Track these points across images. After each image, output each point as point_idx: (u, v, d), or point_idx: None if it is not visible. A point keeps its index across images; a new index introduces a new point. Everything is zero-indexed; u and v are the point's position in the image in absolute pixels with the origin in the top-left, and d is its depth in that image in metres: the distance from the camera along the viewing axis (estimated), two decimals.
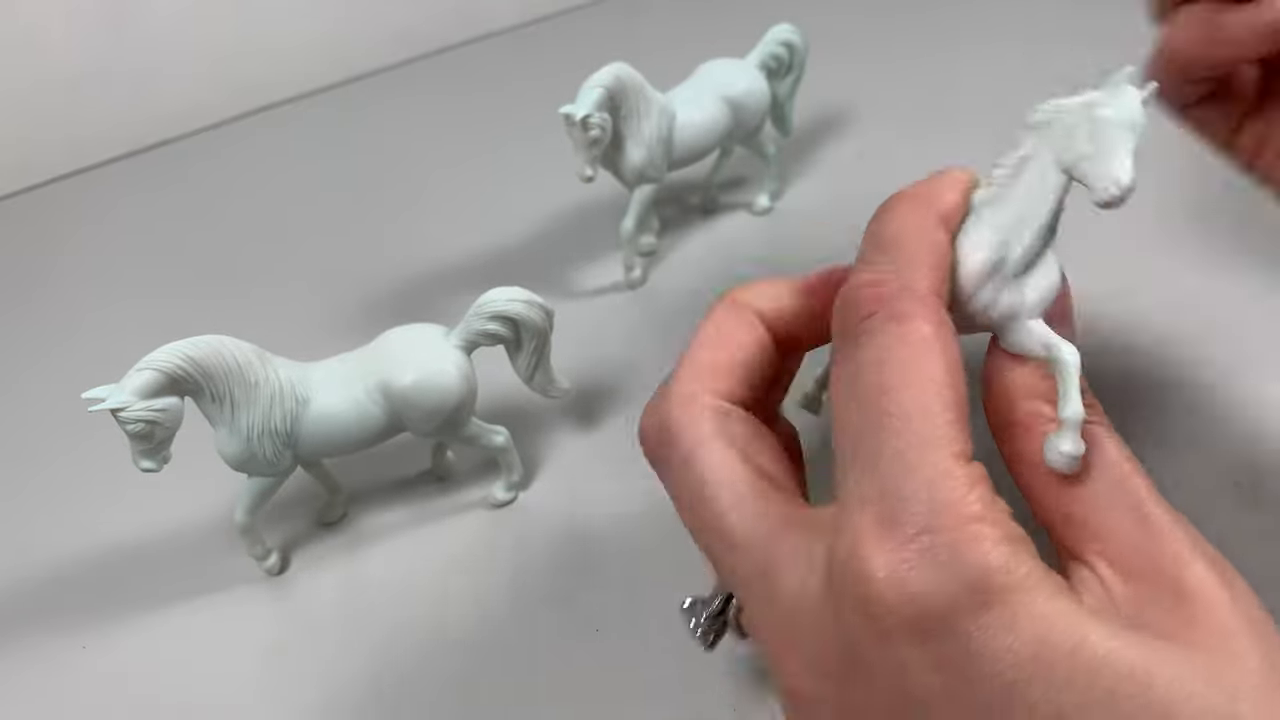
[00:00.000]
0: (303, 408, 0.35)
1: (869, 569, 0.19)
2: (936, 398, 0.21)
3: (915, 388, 0.21)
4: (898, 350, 0.22)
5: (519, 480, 0.41)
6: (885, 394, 0.21)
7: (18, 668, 0.37)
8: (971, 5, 0.77)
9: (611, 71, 0.47)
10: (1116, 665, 0.18)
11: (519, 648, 0.35)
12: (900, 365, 0.21)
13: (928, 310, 0.22)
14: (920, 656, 0.19)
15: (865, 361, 0.22)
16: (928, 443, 0.20)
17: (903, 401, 0.21)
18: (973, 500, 0.20)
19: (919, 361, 0.21)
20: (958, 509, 0.19)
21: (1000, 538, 0.19)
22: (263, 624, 0.37)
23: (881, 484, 0.20)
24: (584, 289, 0.53)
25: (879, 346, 0.22)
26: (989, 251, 0.25)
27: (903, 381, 0.21)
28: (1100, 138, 0.23)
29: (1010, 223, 0.25)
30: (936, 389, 0.21)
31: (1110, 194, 0.22)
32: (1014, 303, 0.25)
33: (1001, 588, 0.18)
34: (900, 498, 0.20)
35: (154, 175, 0.73)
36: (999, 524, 0.20)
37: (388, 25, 0.85)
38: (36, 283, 0.61)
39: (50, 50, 0.72)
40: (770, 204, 0.57)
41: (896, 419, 0.21)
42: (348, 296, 0.55)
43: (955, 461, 0.20)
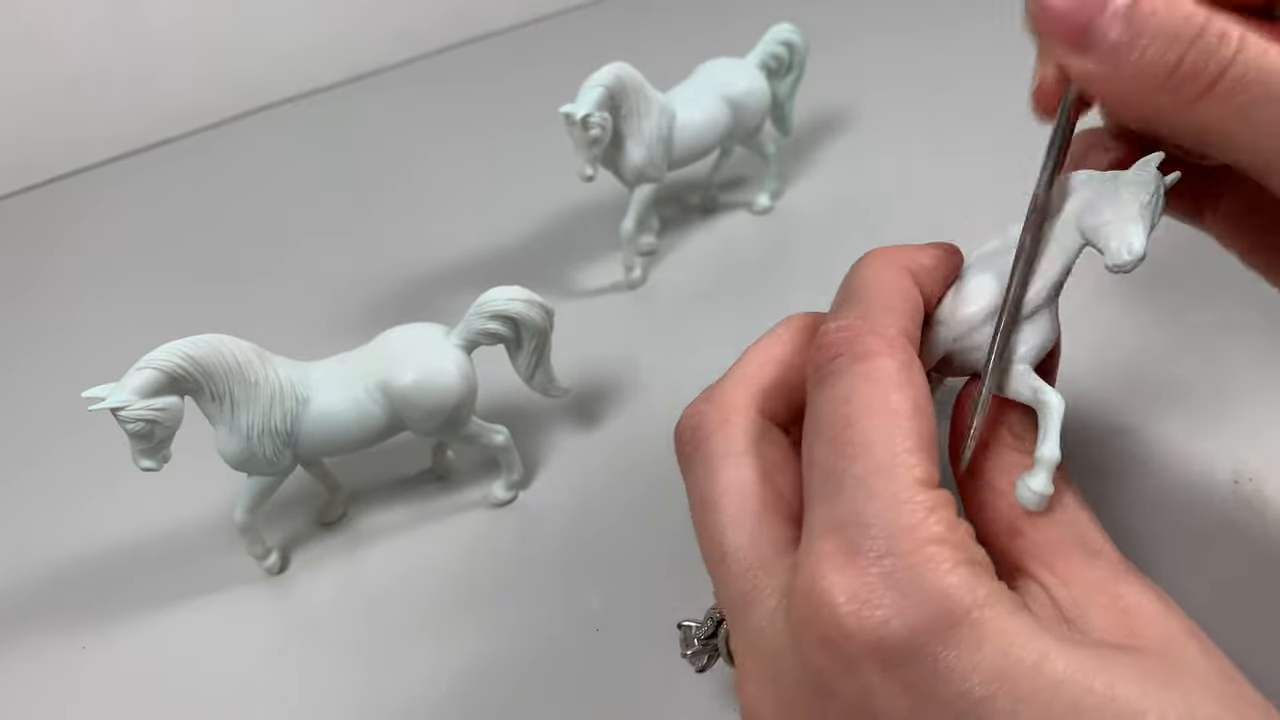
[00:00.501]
0: (303, 407, 0.35)
1: (831, 596, 0.20)
2: (898, 427, 0.21)
3: (877, 417, 0.21)
4: (861, 386, 0.22)
5: (519, 480, 0.41)
6: (849, 426, 0.21)
7: (18, 668, 0.37)
8: (972, 5, 0.77)
9: (612, 71, 0.47)
10: (1078, 678, 0.18)
11: (519, 647, 0.35)
12: (863, 398, 0.22)
13: (892, 349, 0.23)
14: (886, 681, 0.19)
15: (830, 399, 0.22)
16: (888, 469, 0.21)
17: (865, 431, 0.21)
18: (932, 523, 0.20)
19: (881, 394, 0.22)
20: (917, 532, 0.20)
21: (960, 559, 0.20)
22: (263, 624, 0.37)
23: (842, 512, 0.20)
24: (584, 289, 0.53)
25: (844, 385, 0.22)
26: (991, 297, 0.26)
27: (865, 412, 0.22)
28: (1121, 208, 0.25)
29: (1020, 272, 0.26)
30: (898, 419, 0.21)
31: (1122, 259, 0.24)
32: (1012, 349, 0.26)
33: (964, 608, 0.19)
34: (860, 524, 0.20)
35: (154, 175, 0.73)
36: (960, 546, 0.20)
37: (388, 25, 0.85)
38: (36, 282, 0.61)
39: (50, 50, 0.72)
40: (770, 203, 0.57)
41: (858, 447, 0.21)
42: (348, 296, 0.55)
43: (916, 487, 0.20)
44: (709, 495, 0.24)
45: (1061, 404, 0.24)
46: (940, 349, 0.27)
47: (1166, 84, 0.22)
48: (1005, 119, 0.60)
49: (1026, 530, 0.23)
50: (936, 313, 0.27)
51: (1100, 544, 0.23)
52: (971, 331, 0.26)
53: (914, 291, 0.25)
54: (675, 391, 0.45)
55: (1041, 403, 0.25)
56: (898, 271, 0.25)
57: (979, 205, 0.53)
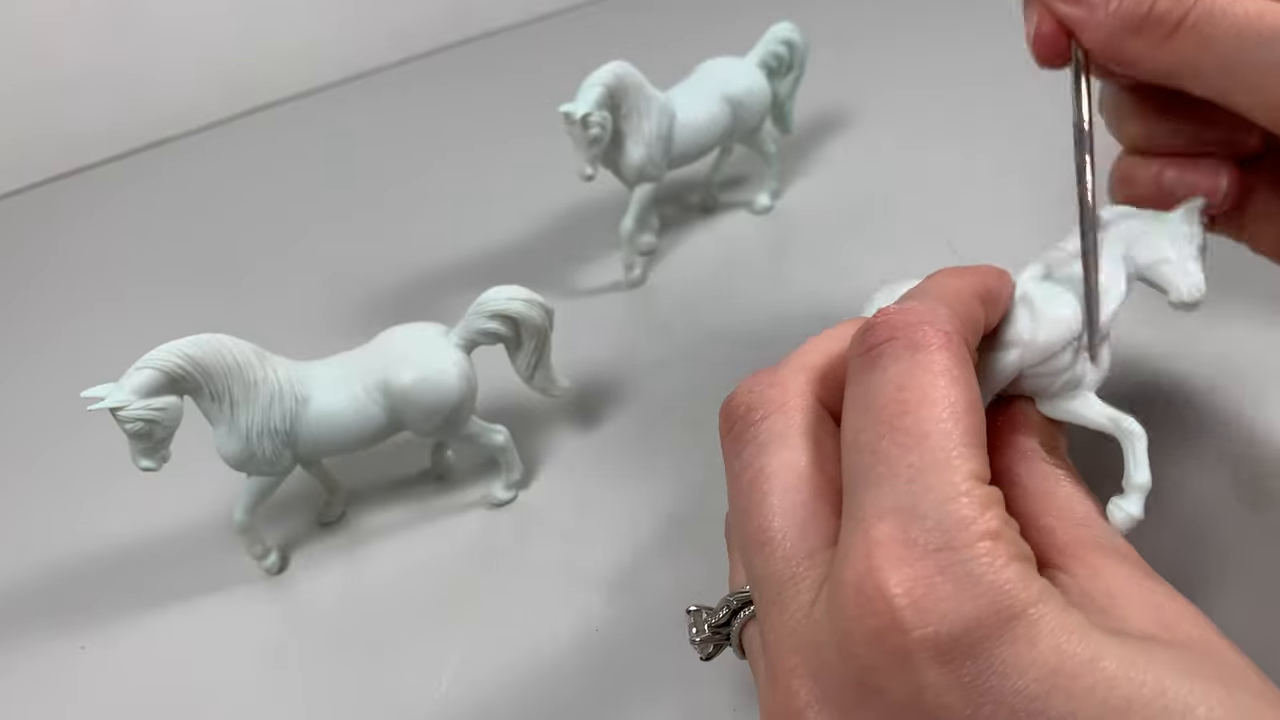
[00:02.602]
0: (302, 407, 0.35)
1: (886, 587, 0.19)
2: (954, 421, 0.21)
3: (935, 408, 0.21)
4: (916, 374, 0.22)
5: (519, 479, 0.41)
6: (905, 413, 0.21)
7: (17, 668, 0.37)
8: (972, 4, 0.76)
9: (611, 70, 0.47)
10: (1131, 674, 0.18)
11: (519, 647, 0.35)
12: (920, 387, 0.21)
13: (949, 342, 0.22)
14: (940, 677, 0.19)
15: (882, 382, 0.22)
16: (944, 462, 0.20)
17: (922, 420, 0.21)
18: (989, 518, 0.20)
19: (937, 385, 0.22)
20: (973, 527, 0.19)
21: (1014, 555, 0.19)
22: (262, 624, 0.37)
23: (895, 500, 0.20)
24: (584, 288, 0.53)
25: (898, 370, 0.22)
26: (1079, 323, 0.27)
27: (922, 402, 0.21)
28: (1181, 247, 0.26)
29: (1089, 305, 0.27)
30: (954, 412, 0.21)
31: (1193, 296, 0.26)
32: (1083, 375, 0.27)
33: (1020, 604, 0.19)
34: (916, 515, 0.20)
35: (153, 174, 0.73)
36: (1013, 542, 0.20)
37: (387, 24, 0.85)
38: (35, 282, 0.61)
39: (49, 49, 0.72)
40: (770, 203, 0.57)
41: (914, 436, 0.21)
42: (347, 296, 0.55)
43: (972, 482, 0.20)
44: (760, 475, 0.23)
45: (1143, 430, 0.25)
46: (1009, 373, 0.27)
47: (1142, 27, 0.25)
48: (1006, 118, 0.60)
49: (1056, 529, 0.23)
50: (1006, 336, 0.27)
51: (1127, 550, 0.23)
52: (1051, 358, 0.27)
53: (977, 308, 0.25)
54: (675, 391, 0.45)
55: (1125, 431, 0.26)
56: (967, 284, 0.26)
57: (980, 205, 0.53)
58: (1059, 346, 0.26)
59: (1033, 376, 0.27)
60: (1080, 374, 0.27)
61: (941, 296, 0.25)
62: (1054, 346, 0.26)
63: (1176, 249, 0.26)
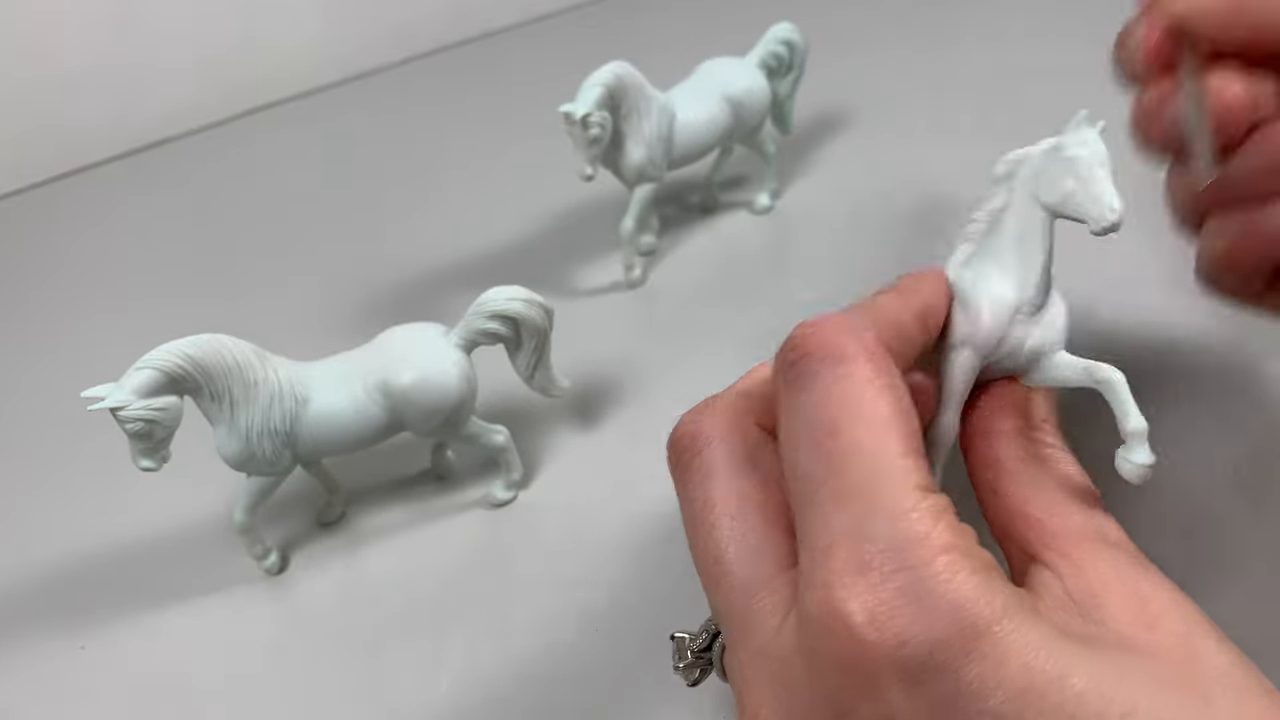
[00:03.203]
0: (302, 407, 0.35)
1: (847, 616, 0.19)
2: (886, 432, 0.21)
3: (864, 423, 0.21)
4: (840, 389, 0.21)
5: (519, 480, 0.41)
6: (835, 433, 0.21)
7: (17, 668, 0.37)
8: (972, 4, 0.77)
9: (611, 70, 0.47)
10: (1102, 689, 0.18)
11: (518, 647, 0.35)
12: (844, 403, 0.21)
13: (866, 350, 0.22)
14: (908, 699, 0.18)
15: (808, 403, 0.22)
16: (885, 478, 0.20)
17: (853, 437, 0.21)
18: (941, 531, 0.19)
19: (864, 399, 0.21)
20: (927, 542, 0.19)
21: (974, 566, 0.19)
22: (262, 624, 0.37)
23: (843, 524, 0.20)
24: (584, 289, 0.53)
25: (821, 387, 0.22)
26: (1014, 292, 0.26)
27: (850, 418, 0.21)
28: (1081, 174, 0.25)
29: (1015, 266, 0.26)
30: (885, 424, 0.21)
31: (1109, 220, 0.24)
32: (1044, 338, 0.26)
33: (984, 620, 0.18)
34: (867, 537, 0.19)
35: (152, 174, 0.73)
36: (970, 553, 0.19)
37: (387, 24, 0.85)
38: (36, 282, 0.61)
39: (49, 49, 0.72)
40: (770, 203, 0.57)
41: (848, 456, 0.20)
42: (347, 296, 0.55)
43: (918, 494, 0.20)
44: (707, 505, 0.23)
45: (1122, 375, 0.25)
46: (970, 372, 0.27)
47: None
48: (1006, 118, 0.60)
49: (1044, 519, 0.23)
50: (950, 339, 0.27)
51: (1118, 536, 0.23)
52: (1001, 342, 0.26)
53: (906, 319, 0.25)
54: (675, 391, 0.45)
55: (1103, 381, 0.25)
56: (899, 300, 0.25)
57: None
58: (1003, 329, 0.26)
59: (997, 361, 0.26)
60: (1041, 340, 0.26)
61: (863, 310, 0.25)
62: (998, 331, 0.26)
63: (1078, 178, 0.25)
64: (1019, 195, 0.27)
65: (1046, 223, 0.26)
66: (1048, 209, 0.26)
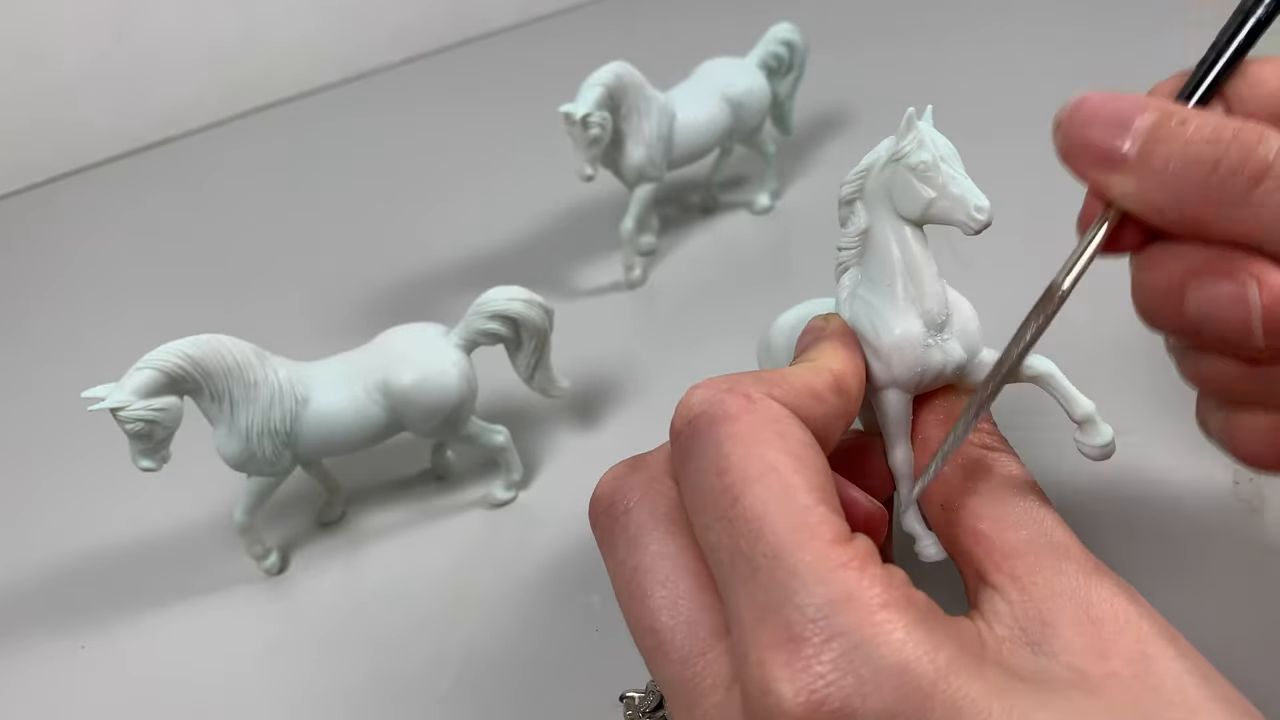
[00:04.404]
0: (302, 407, 0.35)
1: (782, 699, 0.17)
2: (787, 487, 0.19)
3: (762, 483, 0.19)
4: (730, 451, 0.20)
5: (519, 480, 0.41)
6: (735, 500, 0.19)
7: (17, 668, 0.37)
8: (972, 4, 0.77)
9: (611, 70, 0.47)
10: None
11: (519, 647, 0.35)
12: (737, 467, 0.20)
13: (752, 403, 0.21)
14: None
15: (703, 471, 0.21)
16: (798, 536, 0.19)
17: (755, 501, 0.19)
18: (867, 586, 0.18)
19: (755, 455, 0.20)
20: (856, 601, 0.18)
21: (910, 619, 0.18)
22: (262, 624, 0.37)
23: (767, 596, 0.18)
24: (584, 289, 0.53)
25: (712, 453, 0.20)
26: (916, 323, 0.25)
27: (747, 480, 0.20)
28: (934, 180, 0.24)
29: (904, 291, 0.25)
30: (782, 480, 0.20)
31: (979, 221, 0.24)
32: (963, 348, 0.25)
33: (931, 680, 0.17)
34: (793, 606, 0.18)
35: (153, 175, 0.73)
36: (903, 604, 0.18)
37: (387, 24, 0.85)
38: (36, 282, 0.61)
39: (50, 49, 0.72)
40: (770, 203, 0.57)
41: (754, 522, 0.19)
42: (347, 296, 0.55)
43: (835, 549, 0.19)
44: (635, 573, 0.22)
45: (1053, 364, 0.24)
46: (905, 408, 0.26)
47: (1209, 184, 0.21)
48: (1005, 118, 0.60)
49: (991, 534, 0.22)
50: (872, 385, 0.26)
51: (1067, 542, 0.22)
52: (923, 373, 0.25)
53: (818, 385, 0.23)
54: (675, 391, 0.45)
55: (1038, 375, 0.24)
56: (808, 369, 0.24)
57: None
58: (919, 363, 0.25)
59: (932, 380, 0.26)
60: (961, 353, 0.25)
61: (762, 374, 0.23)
62: (915, 367, 0.25)
63: (928, 182, 0.24)
64: (878, 213, 0.26)
65: (917, 233, 0.25)
66: (913, 220, 0.25)
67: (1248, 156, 0.21)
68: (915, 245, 0.25)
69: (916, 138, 0.24)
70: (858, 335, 0.26)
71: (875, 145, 0.26)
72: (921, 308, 0.25)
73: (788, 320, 0.32)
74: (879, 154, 0.25)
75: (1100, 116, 0.22)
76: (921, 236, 0.25)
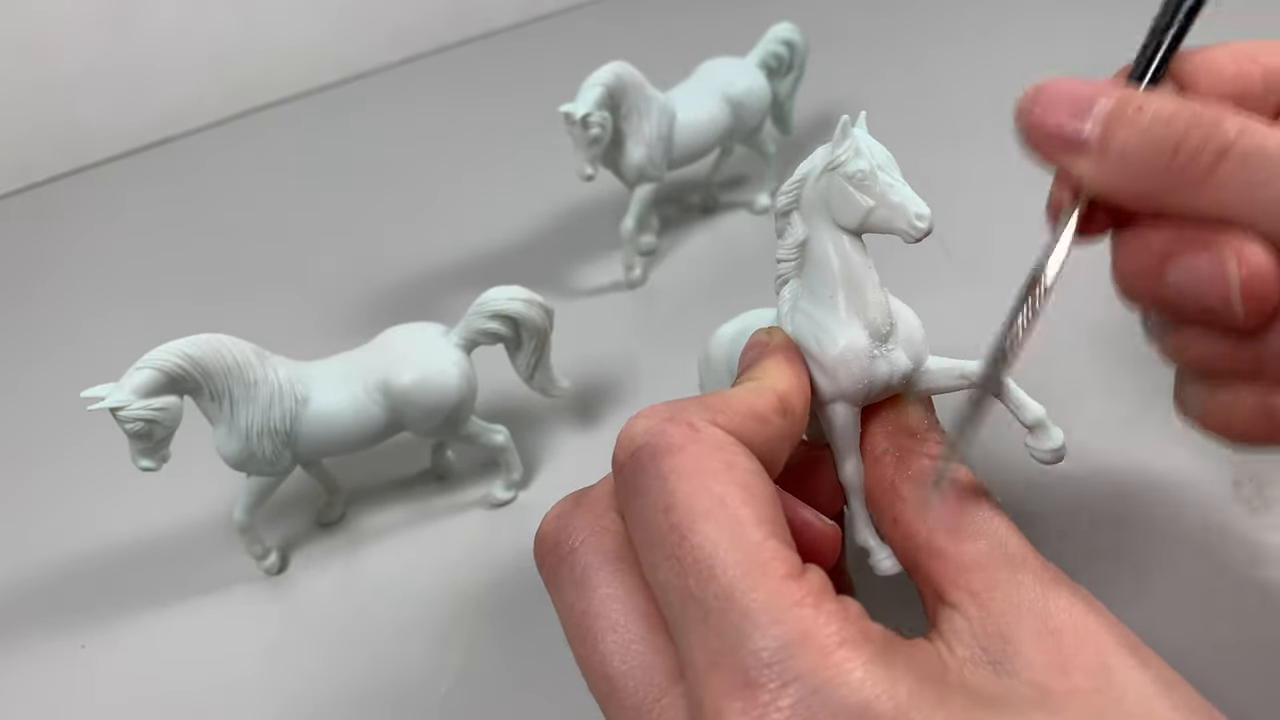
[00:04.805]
0: (302, 407, 0.35)
1: None
2: (738, 521, 0.19)
3: (710, 519, 0.19)
4: (675, 486, 0.19)
5: (519, 479, 0.41)
6: (683, 539, 0.19)
7: (17, 667, 0.37)
8: (971, 4, 0.77)
9: (611, 70, 0.47)
10: None
11: (518, 647, 0.35)
12: (683, 504, 0.19)
13: (697, 434, 0.20)
14: None
15: (648, 508, 0.20)
16: (750, 574, 0.18)
17: (704, 539, 0.19)
18: (823, 624, 0.18)
19: (700, 492, 0.19)
20: (812, 642, 0.17)
21: (867, 656, 0.17)
22: (261, 624, 0.37)
23: (721, 640, 0.18)
24: (584, 288, 0.53)
25: (656, 487, 0.20)
26: (860, 334, 0.25)
27: (694, 517, 0.19)
28: (872, 189, 0.24)
29: (846, 301, 0.25)
30: (732, 512, 0.19)
31: (920, 229, 0.23)
32: (908, 357, 0.25)
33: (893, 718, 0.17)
34: (747, 650, 0.17)
35: (153, 174, 0.73)
36: (861, 640, 0.18)
37: (387, 24, 0.85)
38: (36, 282, 0.61)
39: (49, 49, 0.72)
40: (770, 203, 0.57)
41: (703, 562, 0.18)
42: (347, 296, 0.55)
43: (789, 587, 0.18)
44: (584, 617, 0.21)
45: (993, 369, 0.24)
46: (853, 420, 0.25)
47: (1171, 166, 0.21)
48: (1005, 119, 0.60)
49: (946, 548, 0.22)
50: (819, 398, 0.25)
51: (1023, 552, 0.22)
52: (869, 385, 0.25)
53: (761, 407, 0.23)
54: (675, 392, 0.45)
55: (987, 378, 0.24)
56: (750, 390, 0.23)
57: (979, 205, 0.53)
58: (865, 375, 0.24)
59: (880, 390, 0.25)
60: (906, 362, 0.25)
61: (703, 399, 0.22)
62: (861, 380, 0.25)
63: (866, 191, 0.24)
64: (816, 223, 0.25)
65: (856, 243, 0.25)
66: (851, 230, 0.25)
67: (1209, 137, 0.21)
68: (855, 255, 0.25)
69: (852, 146, 0.24)
70: (801, 349, 0.25)
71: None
72: (865, 318, 0.25)
73: (727, 332, 0.32)
74: (814, 163, 0.25)
75: (1061, 101, 0.23)
76: (861, 246, 0.25)
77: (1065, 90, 0.23)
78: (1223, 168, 0.21)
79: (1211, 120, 0.21)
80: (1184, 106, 0.21)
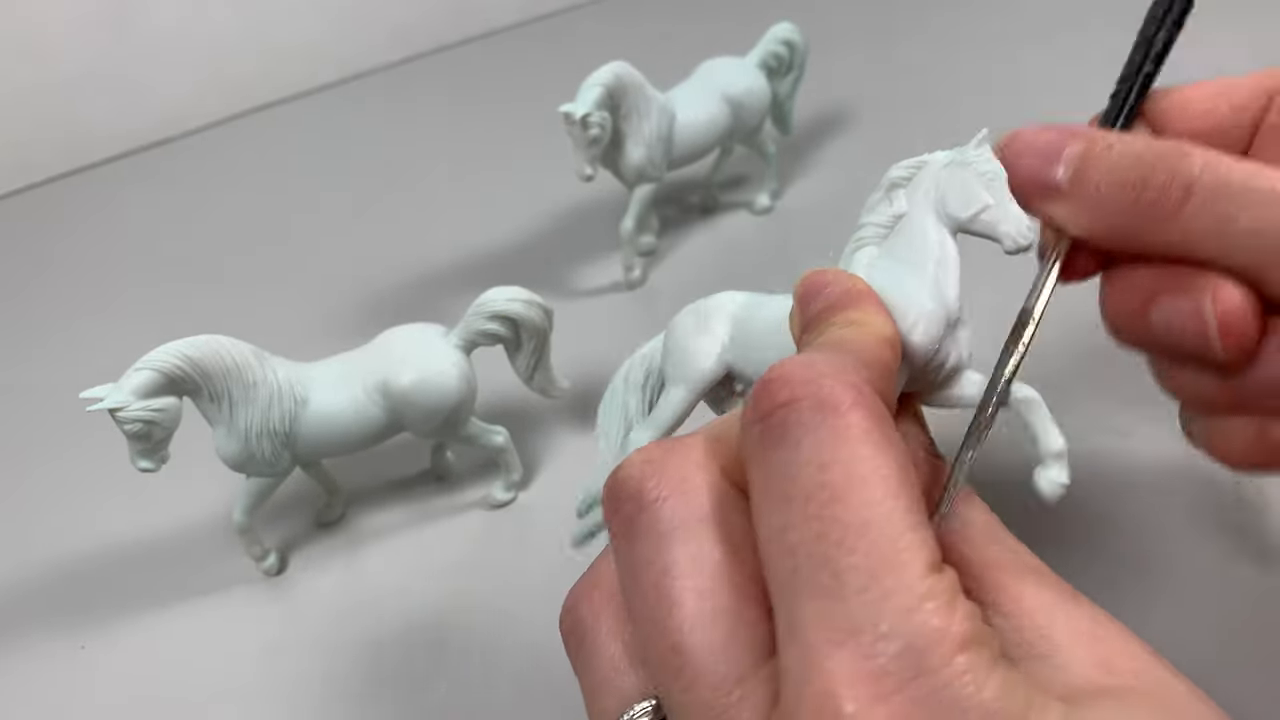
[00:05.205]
0: (301, 408, 0.35)
1: None
2: (893, 500, 0.17)
3: (866, 488, 0.17)
4: (835, 447, 0.18)
5: (519, 480, 0.41)
6: (834, 500, 0.17)
7: (17, 667, 0.37)
8: (971, 4, 0.77)
9: (611, 70, 0.47)
10: None
11: (518, 647, 0.35)
12: (842, 463, 0.18)
13: (863, 398, 0.18)
14: None
15: (796, 462, 0.18)
16: (896, 558, 0.17)
17: (858, 508, 0.17)
18: (958, 622, 0.17)
19: (866, 459, 0.18)
20: (945, 638, 0.16)
21: (992, 661, 0.17)
22: (261, 624, 0.37)
23: (850, 619, 0.16)
24: (584, 289, 0.53)
25: (812, 444, 0.18)
26: (940, 304, 0.24)
27: (852, 483, 0.17)
28: (997, 190, 0.24)
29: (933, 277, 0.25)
30: (889, 489, 0.17)
31: (1027, 239, 0.24)
32: (961, 355, 0.25)
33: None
34: (879, 635, 0.16)
35: (152, 175, 0.73)
36: (985, 642, 0.17)
37: (387, 24, 0.85)
38: (36, 282, 0.61)
39: (49, 49, 0.72)
40: (770, 203, 0.57)
41: (851, 530, 0.17)
42: (347, 296, 0.55)
43: (931, 578, 0.17)
44: (665, 576, 0.19)
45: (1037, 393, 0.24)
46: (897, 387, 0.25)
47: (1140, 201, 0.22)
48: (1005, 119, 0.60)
49: (963, 549, 0.21)
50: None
51: (1040, 567, 0.21)
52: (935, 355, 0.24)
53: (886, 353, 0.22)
54: None
55: (1024, 400, 0.24)
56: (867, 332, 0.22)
57: None
58: (936, 341, 0.24)
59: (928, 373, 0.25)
60: (959, 357, 0.25)
61: (843, 349, 0.21)
62: (932, 344, 0.24)
63: (991, 190, 0.24)
64: (919, 205, 0.26)
65: (949, 237, 0.25)
66: (953, 223, 0.25)
67: (1175, 171, 0.21)
68: (950, 244, 0.25)
69: (985, 153, 0.25)
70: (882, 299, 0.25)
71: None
72: (946, 297, 0.25)
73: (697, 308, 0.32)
74: (938, 156, 0.26)
75: (1033, 148, 0.24)
76: (954, 242, 0.25)
77: (1038, 137, 0.24)
78: (1191, 203, 0.21)
79: (1176, 155, 0.22)
80: (1150, 144, 0.22)
